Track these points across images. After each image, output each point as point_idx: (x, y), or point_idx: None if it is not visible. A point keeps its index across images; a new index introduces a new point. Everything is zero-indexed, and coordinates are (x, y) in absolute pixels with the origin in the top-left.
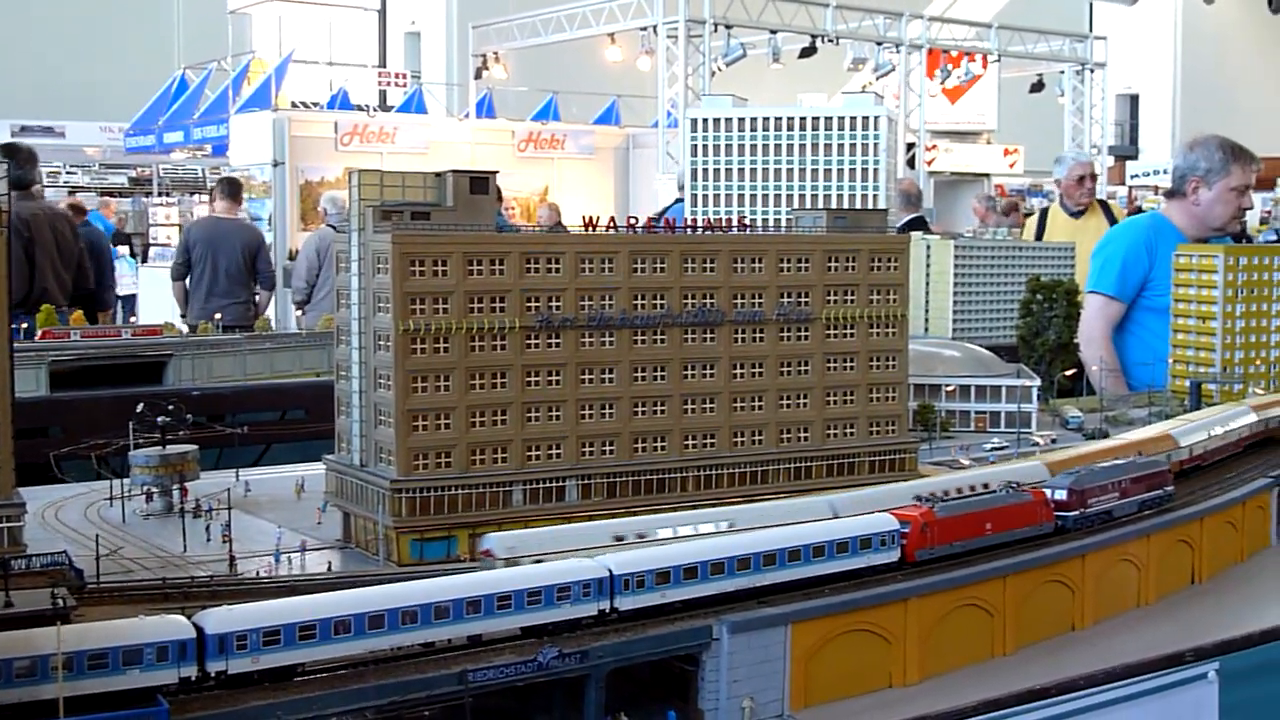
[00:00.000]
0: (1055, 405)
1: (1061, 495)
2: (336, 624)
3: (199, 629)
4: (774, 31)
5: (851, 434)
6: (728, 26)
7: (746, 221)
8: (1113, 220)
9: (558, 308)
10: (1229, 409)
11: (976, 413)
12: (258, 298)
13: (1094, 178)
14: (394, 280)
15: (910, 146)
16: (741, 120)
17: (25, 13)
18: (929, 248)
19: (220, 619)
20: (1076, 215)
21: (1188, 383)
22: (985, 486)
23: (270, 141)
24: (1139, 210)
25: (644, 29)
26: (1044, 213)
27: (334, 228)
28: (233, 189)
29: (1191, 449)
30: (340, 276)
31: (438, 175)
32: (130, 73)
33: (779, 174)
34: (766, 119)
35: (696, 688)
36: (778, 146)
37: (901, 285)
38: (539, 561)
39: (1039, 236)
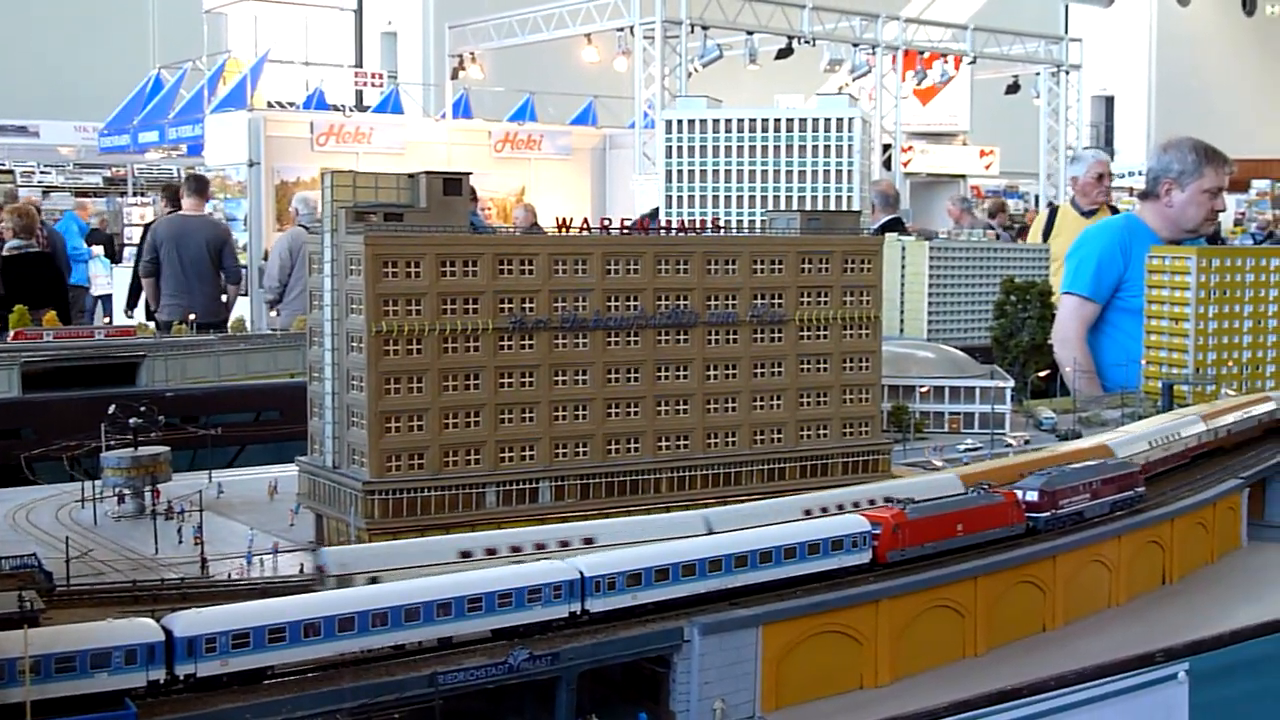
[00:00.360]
0: (1029, 406)
1: (1033, 496)
2: (306, 626)
3: (168, 632)
4: (750, 33)
5: (825, 435)
6: (704, 28)
7: (720, 223)
8: None
9: (531, 309)
10: (1177, 418)
11: (950, 414)
12: (225, 293)
13: (1110, 176)
14: (366, 281)
15: (886, 148)
16: (716, 122)
17: None
18: (904, 249)
19: (189, 622)
20: (1089, 214)
21: (1160, 384)
22: (855, 505)
23: (246, 141)
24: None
25: (621, 30)
26: (1053, 211)
27: (306, 228)
28: (199, 186)
29: (1131, 460)
30: (313, 278)
31: (411, 176)
32: (105, 72)
33: (754, 175)
34: (741, 120)
35: (668, 689)
36: (753, 148)
37: (875, 287)
38: (374, 580)
39: (1047, 235)
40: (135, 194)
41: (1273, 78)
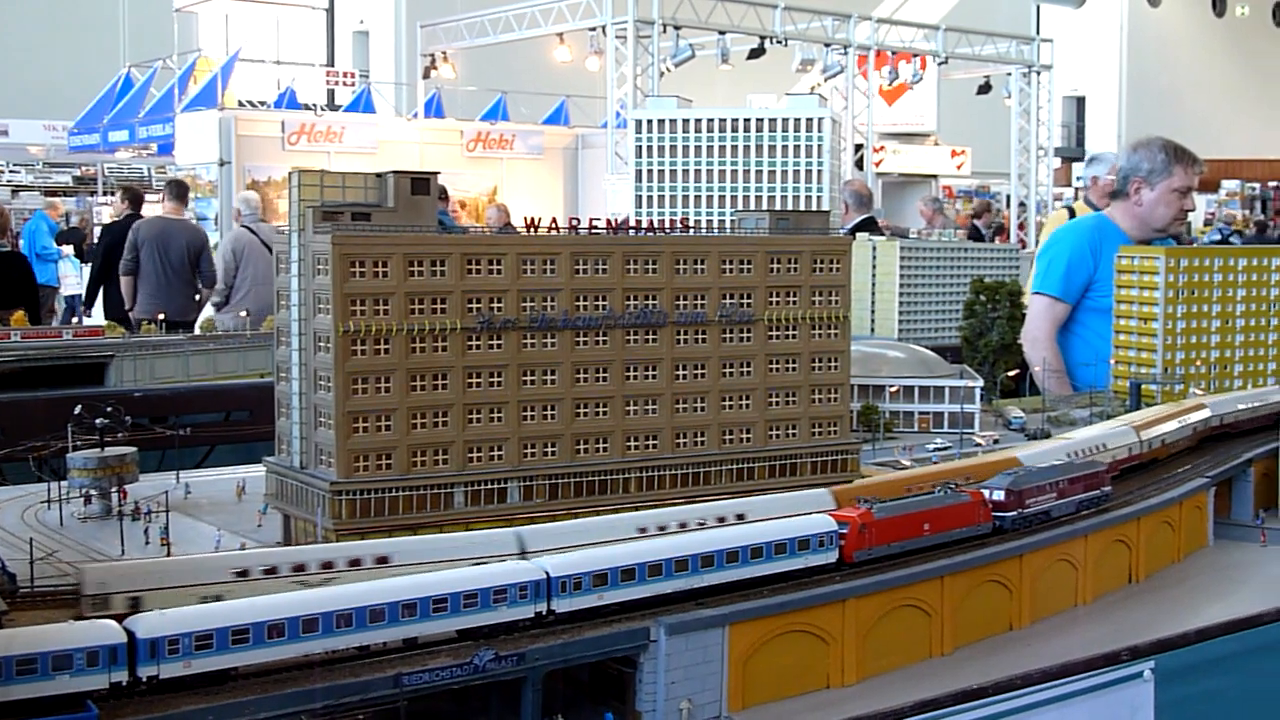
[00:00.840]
0: (999, 405)
1: (1000, 496)
2: (270, 628)
3: (130, 633)
4: (723, 33)
5: (794, 435)
6: (676, 27)
7: (689, 223)
8: None
9: (499, 309)
10: (1107, 428)
11: (920, 413)
12: (199, 295)
13: None
14: (334, 281)
15: (859, 148)
16: (686, 122)
17: None
18: (875, 249)
19: (152, 624)
20: None
21: (1128, 383)
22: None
23: (216, 140)
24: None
25: (593, 29)
26: (1070, 211)
27: (249, 228)
28: (180, 191)
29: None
30: (280, 278)
31: (379, 176)
32: (75, 71)
33: (724, 175)
34: (711, 120)
35: (634, 689)
36: (722, 148)
37: (844, 286)
38: (134, 603)
39: None
40: (105, 193)
41: (1242, 78)
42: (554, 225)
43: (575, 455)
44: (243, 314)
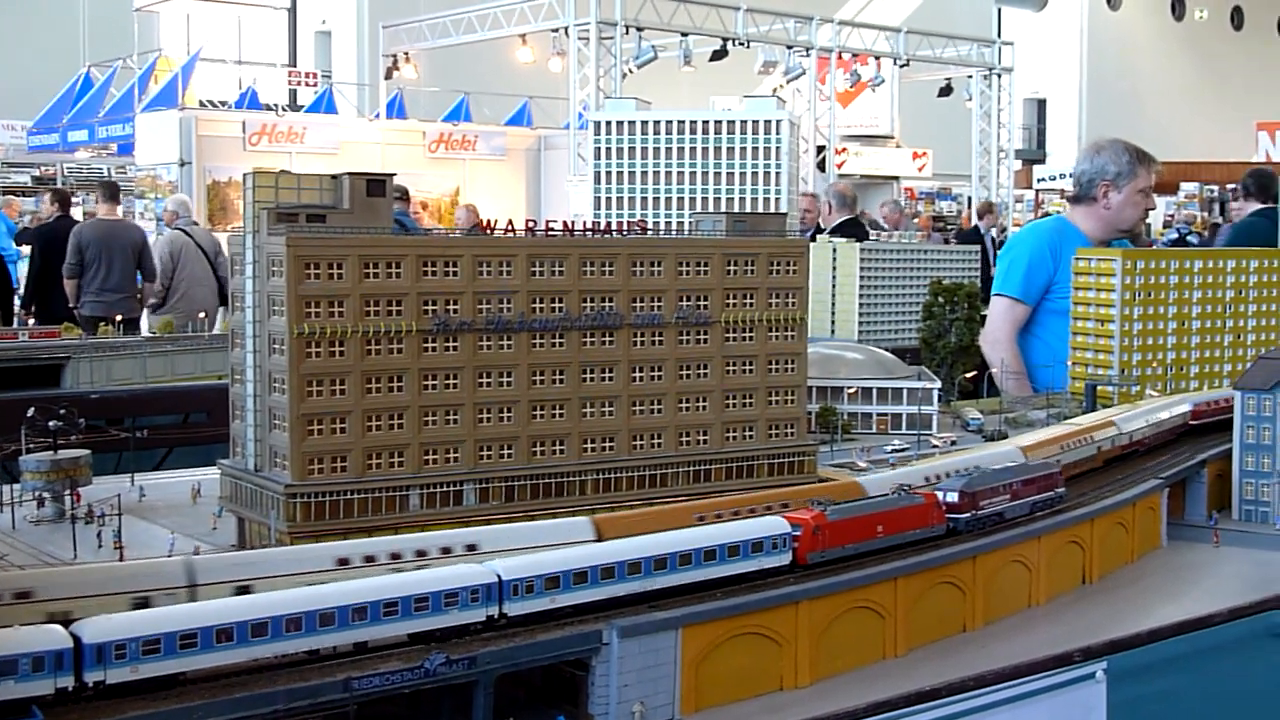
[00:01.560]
0: (957, 407)
1: (953, 498)
2: (219, 632)
3: (76, 638)
4: (685, 34)
5: (751, 437)
6: (639, 29)
7: (645, 225)
8: None
9: (455, 311)
10: (990, 449)
11: (878, 415)
12: (142, 292)
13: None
14: (288, 283)
15: (820, 149)
16: (645, 124)
17: None
18: (835, 250)
19: (98, 628)
20: None
21: (1084, 385)
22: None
23: (177, 141)
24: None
25: (555, 31)
26: None
27: (183, 230)
28: (113, 192)
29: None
30: (235, 280)
31: (334, 178)
32: (34, 70)
33: (683, 177)
34: (670, 122)
35: (587, 693)
36: (681, 150)
37: (800, 289)
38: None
39: None
40: None
41: (1201, 81)
42: (510, 227)
43: (531, 457)
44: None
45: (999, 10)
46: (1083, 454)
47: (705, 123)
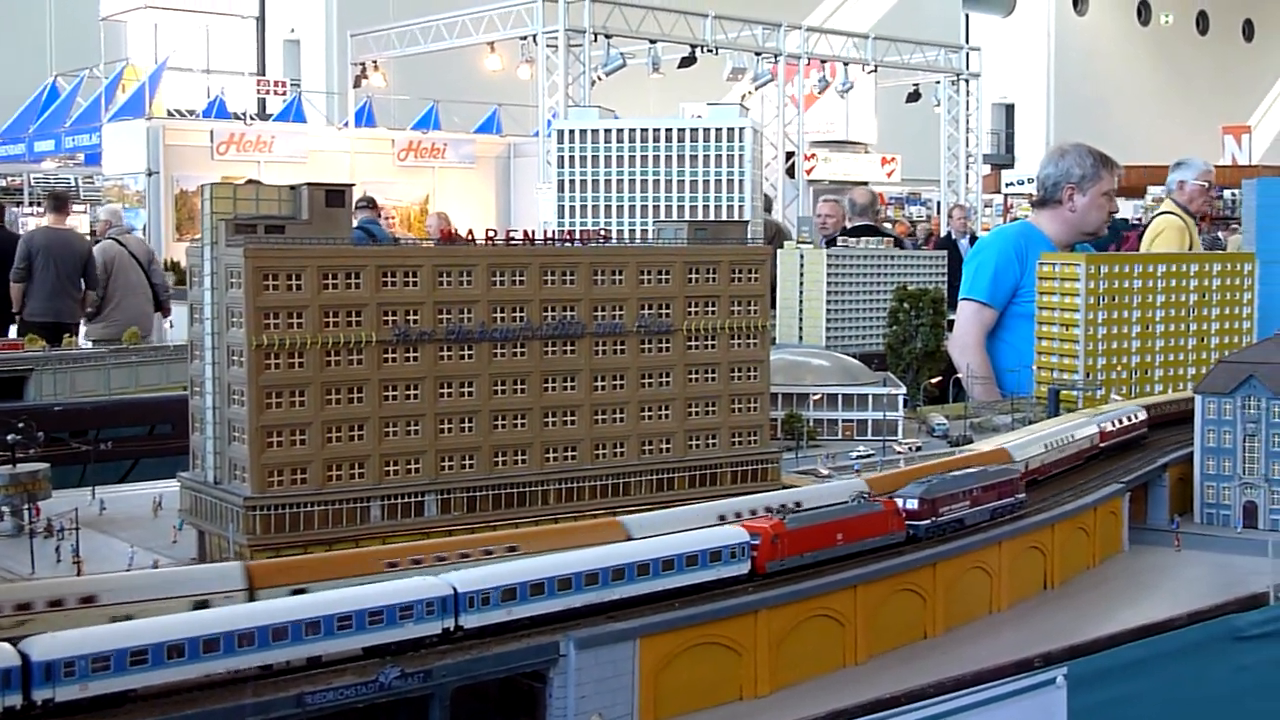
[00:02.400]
0: (923, 412)
1: (913, 504)
2: (170, 648)
3: (24, 656)
4: (653, 41)
5: (714, 445)
6: (607, 36)
7: (607, 233)
8: None
9: (415, 321)
10: (821, 487)
11: (844, 421)
12: (85, 300)
13: (1213, 184)
14: (247, 295)
15: (790, 155)
16: (608, 132)
17: None
18: (803, 257)
19: (46, 645)
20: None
21: (1048, 389)
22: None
23: (144, 150)
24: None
25: (524, 38)
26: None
27: (116, 240)
28: (59, 203)
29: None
30: (193, 291)
31: (292, 188)
32: (0, 79)
33: (645, 185)
34: (633, 131)
35: (544, 705)
36: (644, 158)
37: (762, 296)
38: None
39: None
40: (32, 204)
41: (1167, 85)
42: (470, 236)
43: (493, 468)
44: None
45: (967, 16)
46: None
47: (668, 131)
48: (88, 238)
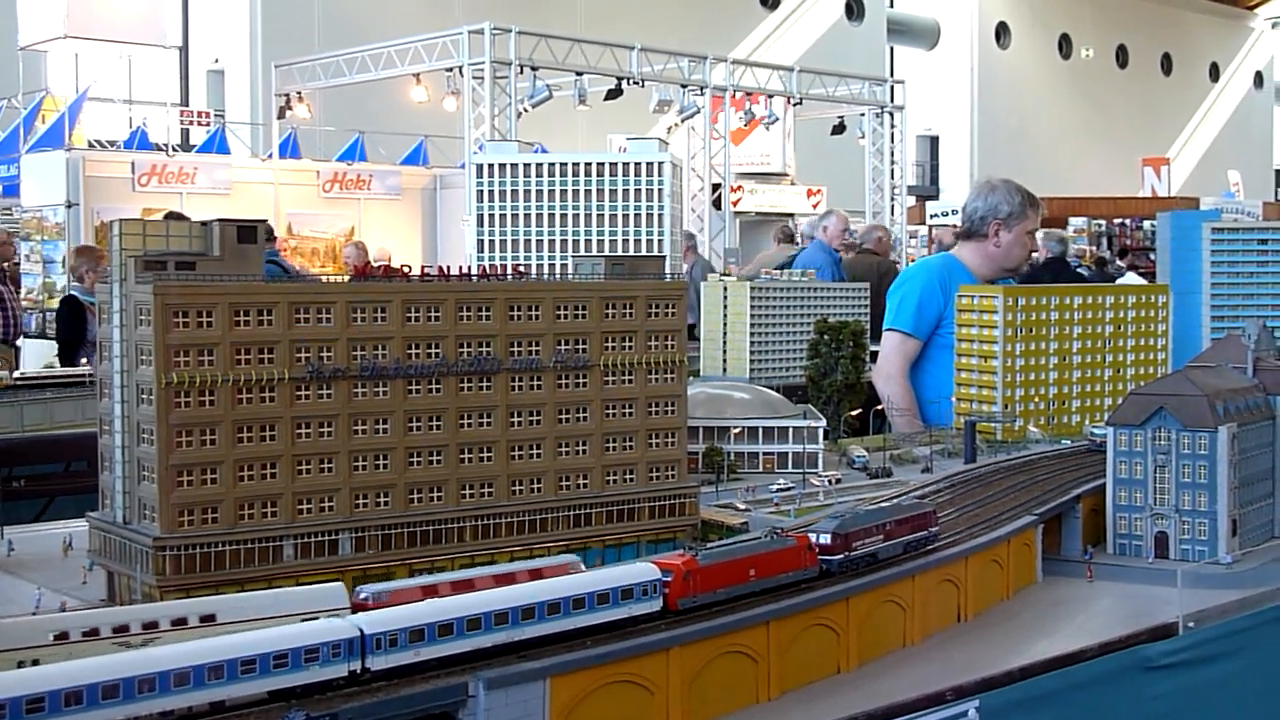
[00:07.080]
0: (843, 444)
1: (826, 539)
2: (67, 695)
3: None
4: (580, 74)
5: (631, 480)
6: (533, 68)
7: (522, 269)
8: None
9: (329, 358)
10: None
11: (764, 454)
12: None
13: None
14: (156, 332)
15: (716, 187)
16: (526, 166)
17: None
18: (726, 289)
19: None
20: None
21: (964, 421)
22: None
23: (64, 181)
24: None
25: (450, 70)
26: None
27: None
28: None
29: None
30: (102, 328)
31: (204, 224)
32: None
33: (565, 219)
34: (551, 165)
35: None
36: (563, 192)
37: (679, 331)
38: None
39: None
40: None
41: (1087, 118)
42: (385, 271)
43: (409, 505)
44: None
45: (891, 49)
46: None
47: (587, 165)
48: None
